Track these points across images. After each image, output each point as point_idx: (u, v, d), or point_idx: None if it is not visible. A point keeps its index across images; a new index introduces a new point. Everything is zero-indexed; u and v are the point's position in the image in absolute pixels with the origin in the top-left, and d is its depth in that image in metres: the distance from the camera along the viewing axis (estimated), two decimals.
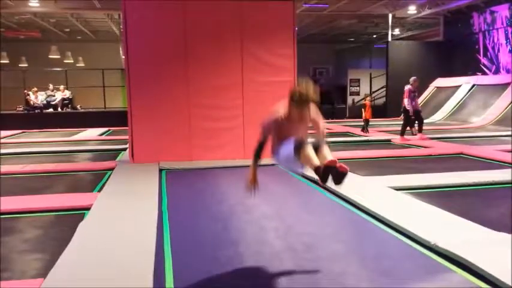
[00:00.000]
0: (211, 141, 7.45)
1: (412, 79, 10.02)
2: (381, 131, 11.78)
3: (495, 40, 16.15)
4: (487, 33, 16.51)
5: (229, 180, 5.97)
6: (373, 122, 15.22)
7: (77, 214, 4.44)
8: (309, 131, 3.23)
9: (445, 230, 3.61)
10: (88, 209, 4.49)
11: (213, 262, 3.24)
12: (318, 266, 3.12)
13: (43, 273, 2.98)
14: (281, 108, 3.10)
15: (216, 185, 5.83)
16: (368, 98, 12.20)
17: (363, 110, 11.47)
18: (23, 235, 3.94)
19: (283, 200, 5.03)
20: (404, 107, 9.96)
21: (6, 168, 7.08)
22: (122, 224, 3.95)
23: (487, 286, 2.73)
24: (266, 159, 3.25)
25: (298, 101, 2.99)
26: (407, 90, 9.91)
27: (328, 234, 3.84)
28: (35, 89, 16.31)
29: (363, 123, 11.51)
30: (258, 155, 3.17)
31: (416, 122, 10.18)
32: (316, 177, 2.99)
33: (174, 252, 3.42)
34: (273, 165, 4.14)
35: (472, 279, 2.84)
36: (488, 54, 16.46)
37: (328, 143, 3.11)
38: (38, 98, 16.22)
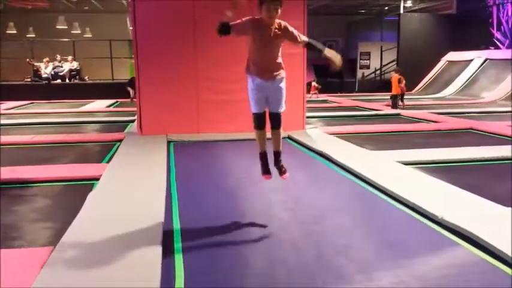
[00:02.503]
0: (219, 114, 7.42)
1: None
2: (388, 105, 11.64)
3: (509, 13, 15.72)
4: (501, 6, 16.07)
5: (237, 153, 5.98)
6: (383, 96, 15.05)
7: (86, 184, 4.49)
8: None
9: (452, 204, 3.60)
10: (97, 179, 4.53)
11: (221, 232, 3.27)
12: (324, 238, 3.15)
13: (53, 241, 3.03)
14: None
15: (223, 158, 5.84)
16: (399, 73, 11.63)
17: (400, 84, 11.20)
18: (33, 204, 4.00)
19: (291, 173, 5.02)
20: None
21: (15, 138, 7.15)
22: (132, 195, 3.99)
23: (493, 260, 2.73)
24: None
25: None
26: None
27: (335, 207, 3.85)
28: (47, 59, 16.27)
29: (400, 98, 11.31)
30: (221, 31, 3.46)
31: None
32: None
33: (183, 221, 3.46)
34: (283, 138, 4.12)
35: (479, 253, 2.85)
36: (502, 28, 16.06)
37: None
38: (47, 68, 16.22)
